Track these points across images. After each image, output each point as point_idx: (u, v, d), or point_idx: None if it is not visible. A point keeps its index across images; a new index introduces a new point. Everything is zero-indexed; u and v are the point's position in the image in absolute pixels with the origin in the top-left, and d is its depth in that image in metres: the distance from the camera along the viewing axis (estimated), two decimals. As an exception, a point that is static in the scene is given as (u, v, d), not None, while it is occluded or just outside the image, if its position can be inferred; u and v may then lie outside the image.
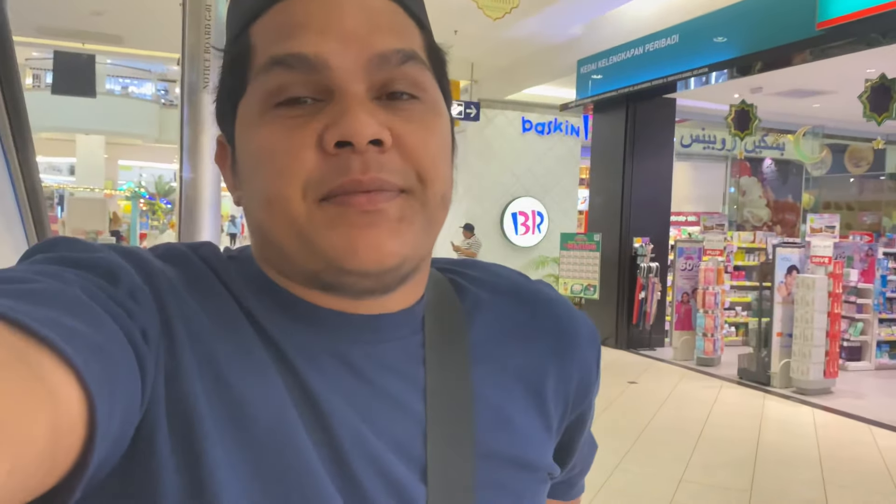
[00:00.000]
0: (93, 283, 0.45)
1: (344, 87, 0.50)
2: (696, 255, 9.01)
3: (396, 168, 0.51)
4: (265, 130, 0.51)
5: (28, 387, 0.31)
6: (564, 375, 0.64)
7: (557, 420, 0.64)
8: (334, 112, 0.50)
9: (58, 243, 0.50)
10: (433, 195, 0.53)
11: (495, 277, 0.67)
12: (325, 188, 0.50)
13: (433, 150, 0.53)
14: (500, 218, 12.56)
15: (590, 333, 0.68)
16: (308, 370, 0.53)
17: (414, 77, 0.52)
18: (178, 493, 0.46)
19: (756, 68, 7.77)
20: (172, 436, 0.47)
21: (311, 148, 0.50)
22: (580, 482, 0.79)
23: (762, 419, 6.28)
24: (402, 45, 0.52)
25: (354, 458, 0.51)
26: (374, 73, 0.51)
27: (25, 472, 0.30)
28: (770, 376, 7.46)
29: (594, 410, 0.73)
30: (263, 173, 0.51)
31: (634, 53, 9.17)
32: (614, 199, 9.84)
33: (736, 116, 9.33)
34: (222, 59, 0.57)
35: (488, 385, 0.59)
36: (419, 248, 0.53)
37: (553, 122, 12.73)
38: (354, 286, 0.52)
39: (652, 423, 6.02)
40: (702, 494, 4.46)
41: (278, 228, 0.52)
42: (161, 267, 0.53)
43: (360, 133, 0.48)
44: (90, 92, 11.45)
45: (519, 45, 10.27)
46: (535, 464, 0.61)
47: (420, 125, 0.52)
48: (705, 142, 15.25)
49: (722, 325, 8.75)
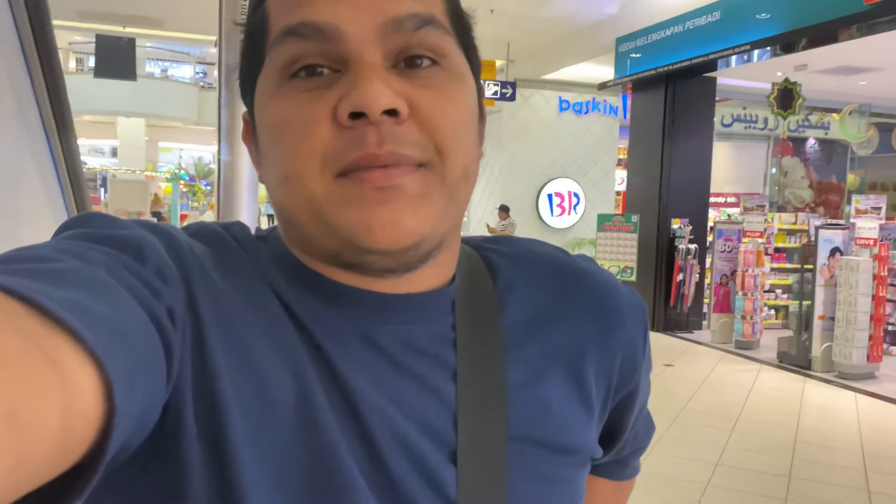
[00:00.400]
0: (119, 261, 0.44)
1: (357, 55, 0.48)
2: (735, 237, 8.86)
3: (414, 140, 0.49)
4: (280, 103, 0.50)
5: (41, 373, 0.30)
6: (606, 354, 0.61)
7: (600, 401, 0.62)
8: (348, 82, 0.48)
9: (88, 219, 0.49)
10: (453, 168, 0.51)
11: (531, 254, 0.64)
12: (340, 163, 0.48)
13: (453, 120, 0.51)
14: (536, 199, 12.48)
15: (634, 308, 0.64)
16: (334, 351, 0.52)
17: (432, 42, 0.50)
18: (203, 473, 0.46)
19: (800, 45, 7.55)
20: (198, 415, 0.46)
21: (325, 121, 0.48)
22: (634, 462, 0.77)
23: (802, 404, 6.17)
24: (418, 9, 0.50)
25: (382, 439, 0.50)
26: (389, 39, 0.49)
27: (33, 463, 0.29)
28: (811, 360, 7.33)
29: (648, 390, 0.70)
30: (279, 149, 0.50)
31: (674, 31, 8.98)
32: (653, 180, 9.69)
33: (779, 95, 9.10)
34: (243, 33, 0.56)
35: (522, 367, 0.57)
36: (440, 224, 0.51)
37: (590, 102, 12.56)
38: (374, 264, 0.51)
39: (688, 407, 5.96)
40: (739, 479, 4.41)
41: (296, 206, 0.51)
42: (190, 244, 0.53)
43: (373, 102, 0.46)
44: (131, 75, 11.61)
45: (556, 23, 10.13)
46: (573, 447, 0.59)
47: (439, 92, 0.50)
48: (746, 121, 14.90)
49: (761, 308, 8.61)
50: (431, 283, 0.56)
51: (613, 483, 0.77)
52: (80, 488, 0.34)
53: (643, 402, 0.71)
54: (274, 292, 0.53)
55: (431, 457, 0.52)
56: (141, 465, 0.45)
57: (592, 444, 0.62)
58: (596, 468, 0.72)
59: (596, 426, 0.62)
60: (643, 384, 0.68)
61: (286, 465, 0.48)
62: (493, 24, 9.74)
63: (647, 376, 0.68)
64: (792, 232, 10.06)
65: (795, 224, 10.12)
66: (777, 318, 9.78)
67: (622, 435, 0.69)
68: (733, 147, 15.88)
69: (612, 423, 0.66)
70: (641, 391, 0.68)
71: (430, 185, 0.50)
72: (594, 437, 0.62)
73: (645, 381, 0.68)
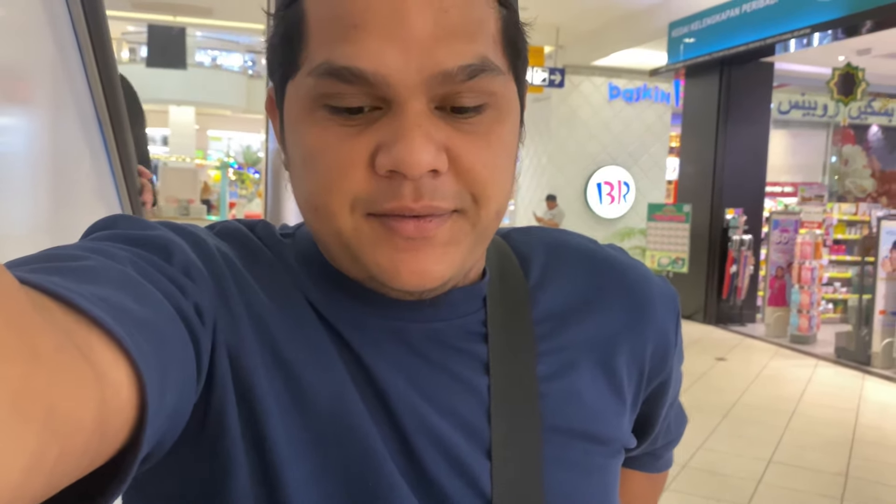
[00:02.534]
0: (145, 260, 0.45)
1: (403, 101, 0.46)
2: (792, 228, 8.65)
3: (450, 192, 0.48)
4: (315, 132, 0.48)
5: (76, 368, 0.30)
6: (637, 344, 0.62)
7: (632, 391, 0.62)
8: (390, 130, 0.46)
9: (117, 221, 0.50)
10: (487, 214, 0.50)
11: (562, 245, 0.64)
12: (373, 207, 0.48)
13: (492, 168, 0.50)
14: (584, 188, 12.32)
15: (665, 298, 0.64)
16: (366, 349, 0.52)
17: (482, 88, 0.48)
18: (247, 470, 0.47)
19: (864, 28, 7.28)
20: (241, 413, 0.48)
21: (361, 166, 0.47)
22: (667, 455, 0.77)
23: (860, 400, 6.00)
24: (470, 59, 0.46)
25: (416, 437, 0.51)
26: (437, 87, 0.47)
27: (73, 455, 0.30)
28: (870, 356, 7.12)
29: (680, 382, 0.70)
30: (311, 180, 0.49)
31: (730, 15, 8.73)
32: (706, 169, 9.50)
33: (840, 80, 8.81)
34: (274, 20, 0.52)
35: (553, 358, 0.58)
36: (466, 263, 0.52)
37: (642, 89, 12.31)
38: (399, 297, 0.53)
39: (741, 402, 5.83)
40: (792, 476, 4.30)
41: (324, 235, 0.51)
42: (217, 244, 0.53)
43: (415, 165, 0.45)
44: (181, 64, 11.83)
45: (606, 8, 9.96)
46: (606, 437, 0.59)
47: (482, 139, 0.49)
48: (805, 108, 14.51)
49: (819, 302, 8.39)
50: (462, 282, 0.57)
51: (647, 475, 0.77)
52: (117, 484, 0.35)
53: (675, 393, 0.71)
54: (301, 292, 0.54)
55: (466, 452, 0.52)
56: (187, 462, 0.47)
57: (625, 433, 0.62)
58: (629, 460, 0.72)
59: (629, 416, 0.63)
60: (675, 375, 0.68)
61: (325, 463, 0.49)
62: (541, 9, 9.61)
63: (678, 367, 0.68)
64: (852, 223, 9.81)
65: (856, 215, 9.86)
66: (835, 313, 9.54)
67: (655, 426, 0.69)
68: (791, 135, 15.48)
69: (644, 413, 0.66)
70: (673, 382, 0.68)
71: (461, 230, 0.50)
72: (627, 427, 0.63)
73: (677, 372, 0.68)
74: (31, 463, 0.26)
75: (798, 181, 13.24)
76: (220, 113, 22.26)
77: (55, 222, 1.29)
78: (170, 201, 10.85)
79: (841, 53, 9.31)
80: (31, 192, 1.22)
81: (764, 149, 9.57)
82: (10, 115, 1.16)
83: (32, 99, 1.24)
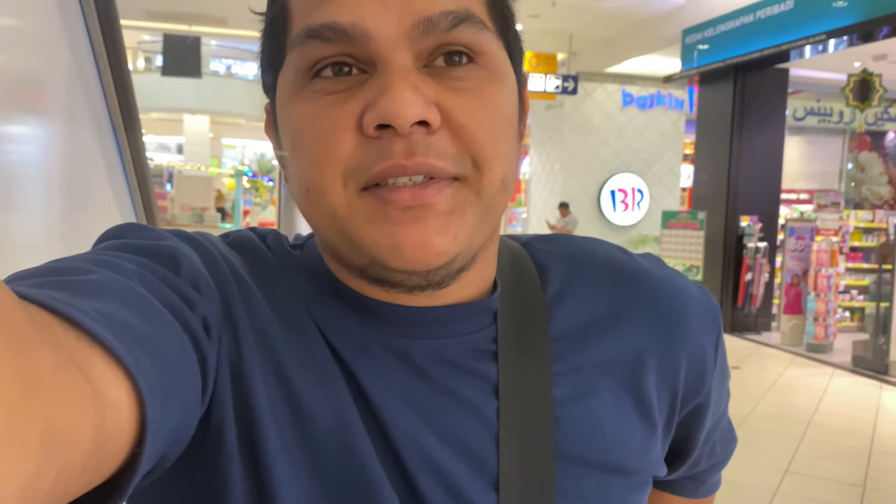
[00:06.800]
0: (153, 272, 0.44)
1: (385, 57, 0.44)
2: (808, 235, 8.56)
3: (448, 152, 0.45)
4: (302, 108, 0.46)
5: (75, 387, 0.30)
6: (670, 363, 0.56)
7: (665, 415, 0.57)
8: (375, 87, 0.44)
9: (127, 230, 0.49)
10: (491, 181, 0.47)
11: (586, 254, 0.59)
12: (365, 175, 0.45)
13: (490, 128, 0.46)
14: (598, 195, 12.29)
15: (702, 312, 0.59)
16: (364, 369, 0.50)
17: (468, 40, 0.46)
18: (243, 487, 0.46)
19: (880, 34, 7.21)
20: (239, 430, 0.46)
21: (349, 130, 0.45)
22: (712, 479, 0.72)
23: (878, 410, 5.91)
24: (452, 6, 0.45)
25: (413, 466, 0.48)
26: (421, 39, 0.45)
27: (71, 475, 0.30)
28: (888, 365, 7.01)
29: (726, 400, 0.64)
30: (300, 157, 0.47)
31: (744, 21, 8.70)
32: (720, 176, 9.44)
33: (855, 87, 8.74)
34: (263, 22, 0.52)
35: (570, 380, 0.53)
36: (474, 239, 0.47)
37: (655, 95, 12.28)
38: (403, 283, 0.48)
39: (756, 411, 5.77)
40: (809, 486, 4.24)
41: (319, 220, 0.48)
42: (227, 254, 0.52)
43: (402, 114, 0.42)
44: (196, 73, 11.93)
45: (619, 14, 9.94)
46: (629, 467, 0.54)
47: (475, 97, 0.46)
48: (821, 114, 14.38)
49: (835, 310, 8.30)
50: (469, 294, 0.53)
51: (689, 501, 0.71)
52: (115, 500, 0.35)
53: (718, 413, 0.65)
54: (306, 308, 0.52)
55: (468, 483, 0.49)
56: (188, 476, 0.46)
57: (654, 462, 0.57)
58: (669, 484, 0.69)
59: (660, 443, 0.58)
60: (715, 395, 0.62)
61: (322, 487, 0.47)
62: (554, 16, 9.62)
63: (721, 387, 0.63)
64: (869, 230, 9.71)
65: (873, 222, 9.77)
66: (852, 321, 9.43)
67: (692, 451, 0.64)
68: (806, 141, 15.38)
69: (679, 438, 0.61)
70: (713, 403, 0.62)
71: (465, 199, 0.46)
72: (658, 454, 0.58)
73: (718, 392, 0.62)
74: (28, 483, 0.26)
75: (814, 188, 13.18)
76: (234, 121, 22.39)
77: (70, 229, 1.30)
78: (184, 208, 10.92)
79: (857, 59, 9.25)
80: (46, 199, 1.23)
81: (779, 155, 9.50)
82: (26, 123, 1.17)
83: (48, 107, 1.25)
